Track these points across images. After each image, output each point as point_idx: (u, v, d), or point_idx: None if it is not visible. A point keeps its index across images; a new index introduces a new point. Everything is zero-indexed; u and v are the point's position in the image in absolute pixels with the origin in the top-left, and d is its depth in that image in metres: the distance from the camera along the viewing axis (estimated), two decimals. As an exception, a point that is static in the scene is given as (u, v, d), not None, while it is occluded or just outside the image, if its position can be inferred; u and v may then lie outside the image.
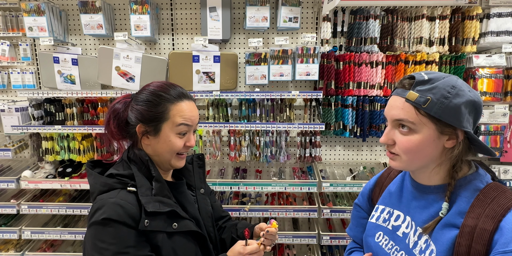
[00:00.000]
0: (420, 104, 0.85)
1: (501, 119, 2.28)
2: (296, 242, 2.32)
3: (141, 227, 0.97)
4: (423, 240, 0.92)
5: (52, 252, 2.46)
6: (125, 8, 2.42)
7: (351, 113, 2.33)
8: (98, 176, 1.05)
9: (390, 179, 1.13)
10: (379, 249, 1.04)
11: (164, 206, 1.03)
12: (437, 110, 0.83)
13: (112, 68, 2.33)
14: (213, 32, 2.28)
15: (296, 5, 2.22)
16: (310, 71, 2.25)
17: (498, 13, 2.21)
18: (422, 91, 0.85)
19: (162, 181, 1.08)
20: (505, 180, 2.37)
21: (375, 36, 2.24)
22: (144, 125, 1.07)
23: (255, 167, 2.61)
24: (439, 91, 0.84)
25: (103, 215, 0.94)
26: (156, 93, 1.08)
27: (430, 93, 0.84)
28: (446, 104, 0.83)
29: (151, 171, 1.07)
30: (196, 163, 1.30)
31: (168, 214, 1.04)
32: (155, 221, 1.00)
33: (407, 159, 0.90)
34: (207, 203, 1.25)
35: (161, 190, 1.06)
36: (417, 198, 0.98)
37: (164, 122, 1.06)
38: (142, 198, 1.00)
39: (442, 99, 0.83)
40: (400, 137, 0.90)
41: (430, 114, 0.84)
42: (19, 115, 2.37)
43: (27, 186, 2.29)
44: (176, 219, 1.06)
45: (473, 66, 2.25)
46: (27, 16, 2.22)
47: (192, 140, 1.11)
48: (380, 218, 1.08)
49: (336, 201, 2.42)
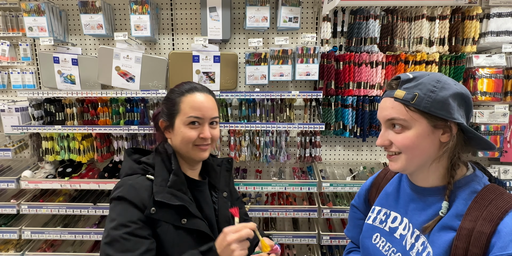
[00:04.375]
0: (408, 100, 0.87)
1: (501, 119, 2.28)
2: (296, 242, 2.32)
3: (146, 213, 1.03)
4: (420, 242, 0.92)
5: (52, 252, 2.46)
6: (125, 8, 2.42)
7: (351, 113, 2.33)
8: (129, 161, 1.16)
9: (387, 180, 1.14)
10: (376, 251, 1.04)
11: (174, 199, 1.06)
12: (426, 104, 0.85)
13: (112, 68, 2.33)
14: (213, 32, 2.28)
15: (296, 5, 2.22)
16: (310, 71, 2.25)
17: (498, 13, 2.21)
18: (408, 88, 0.88)
19: (180, 175, 1.12)
20: (505, 180, 2.37)
21: (375, 36, 2.24)
22: (164, 121, 1.17)
23: (255, 167, 2.61)
24: (425, 86, 0.86)
25: (119, 194, 1.04)
26: (172, 89, 1.19)
27: (417, 89, 0.87)
28: (434, 97, 0.85)
29: (172, 164, 1.12)
30: (224, 166, 1.32)
31: (178, 208, 1.06)
32: (162, 212, 1.04)
33: (407, 157, 0.91)
34: (227, 207, 1.23)
35: (176, 184, 1.09)
36: (415, 200, 0.98)
37: (176, 116, 1.13)
38: (155, 187, 1.06)
39: (429, 93, 0.85)
40: (395, 136, 0.91)
41: (420, 109, 0.86)
42: (19, 115, 2.37)
43: (27, 186, 2.29)
44: (187, 216, 1.08)
45: (473, 66, 2.25)
46: (27, 16, 2.22)
47: (206, 131, 1.13)
48: (377, 220, 1.08)
49: (336, 201, 2.42)
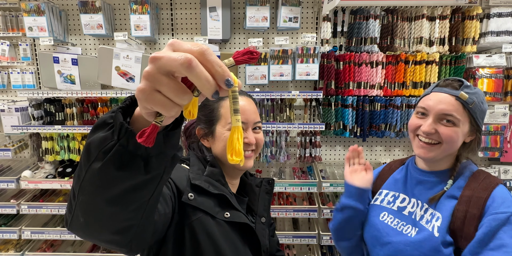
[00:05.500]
0: (468, 103, 1.03)
1: (501, 119, 2.28)
2: (296, 242, 2.31)
3: (184, 199, 0.89)
4: (428, 213, 1.09)
5: (52, 252, 2.46)
6: (125, 8, 2.42)
7: (351, 113, 2.33)
8: None
9: (392, 171, 1.32)
10: (385, 226, 1.16)
11: (213, 188, 0.95)
12: (477, 110, 1.05)
13: (112, 68, 2.32)
14: (213, 32, 2.28)
15: (296, 5, 2.22)
16: (310, 71, 2.25)
17: (498, 13, 2.21)
18: (470, 94, 1.04)
19: (217, 166, 1.02)
20: (505, 180, 2.37)
21: (375, 36, 2.24)
22: (202, 128, 1.07)
23: (255, 167, 2.60)
24: (479, 96, 1.06)
25: None
26: None
27: (474, 96, 1.04)
28: (481, 108, 1.06)
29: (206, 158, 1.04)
30: (264, 187, 1.16)
31: (218, 198, 0.95)
32: (202, 199, 0.92)
33: (446, 147, 1.07)
34: (265, 235, 1.09)
35: (213, 174, 0.99)
36: (422, 183, 1.15)
37: (217, 122, 1.04)
38: (192, 174, 0.96)
39: (481, 103, 1.06)
40: (444, 128, 1.05)
41: (470, 112, 1.04)
42: (19, 115, 2.37)
43: (27, 186, 2.29)
44: (229, 209, 0.96)
45: (473, 66, 2.25)
46: (27, 16, 2.22)
47: (250, 136, 1.03)
48: (384, 201, 1.22)
49: (336, 201, 2.42)
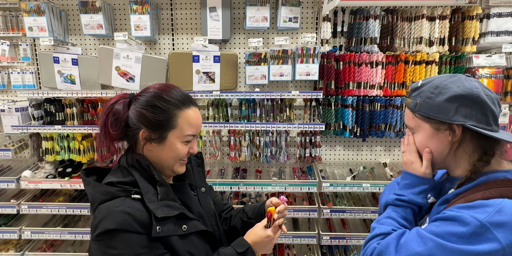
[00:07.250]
0: (412, 108, 0.98)
1: (501, 119, 2.28)
2: (296, 242, 2.32)
3: (154, 234, 0.94)
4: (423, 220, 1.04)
5: (52, 252, 2.46)
6: (125, 8, 2.42)
7: (351, 113, 2.33)
8: (97, 185, 1.00)
9: None
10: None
11: (172, 210, 1.00)
12: (425, 110, 0.94)
13: (112, 68, 2.33)
14: (213, 32, 2.28)
15: (296, 5, 2.22)
16: (310, 71, 2.25)
17: (498, 13, 2.21)
18: (414, 97, 0.98)
19: (166, 184, 1.05)
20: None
21: (375, 36, 2.24)
22: (149, 131, 1.03)
23: (255, 167, 2.61)
24: (424, 93, 0.95)
25: (110, 226, 0.90)
26: (162, 97, 1.03)
27: (418, 97, 0.96)
28: (431, 104, 0.93)
29: (154, 176, 1.04)
30: (194, 162, 1.27)
31: (177, 217, 1.02)
32: (166, 226, 0.98)
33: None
34: (209, 202, 1.24)
35: (167, 194, 1.03)
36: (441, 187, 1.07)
37: (171, 130, 1.04)
38: (150, 204, 0.97)
39: (427, 99, 0.94)
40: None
41: (421, 114, 0.96)
42: (19, 115, 2.37)
43: (27, 186, 2.29)
44: (185, 221, 1.04)
45: (473, 66, 2.25)
46: (27, 16, 2.22)
47: (195, 147, 1.11)
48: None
49: (336, 201, 2.42)
